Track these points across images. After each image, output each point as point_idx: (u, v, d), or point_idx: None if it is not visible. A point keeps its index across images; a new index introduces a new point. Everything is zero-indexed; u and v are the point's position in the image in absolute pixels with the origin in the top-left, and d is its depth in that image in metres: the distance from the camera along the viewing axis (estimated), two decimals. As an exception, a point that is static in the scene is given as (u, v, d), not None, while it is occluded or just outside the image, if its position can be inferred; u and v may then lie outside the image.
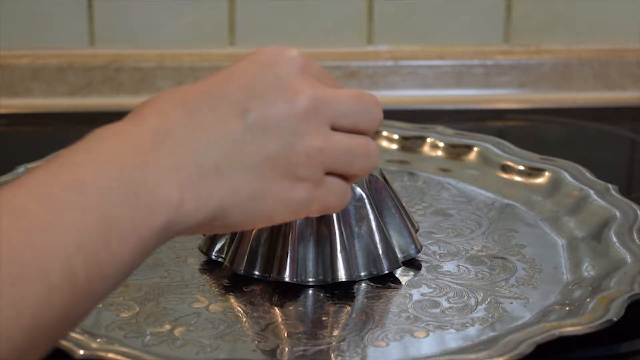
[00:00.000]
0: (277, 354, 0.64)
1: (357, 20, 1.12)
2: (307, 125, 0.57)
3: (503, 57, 1.12)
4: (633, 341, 0.67)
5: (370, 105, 0.61)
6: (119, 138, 0.54)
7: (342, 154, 0.59)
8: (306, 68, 0.59)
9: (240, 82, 0.57)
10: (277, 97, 0.57)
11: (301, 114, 0.57)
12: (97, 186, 0.51)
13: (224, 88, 0.57)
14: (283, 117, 0.57)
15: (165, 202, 0.53)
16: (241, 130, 0.56)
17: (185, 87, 0.58)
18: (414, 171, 0.90)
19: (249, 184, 0.56)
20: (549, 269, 0.75)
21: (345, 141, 0.59)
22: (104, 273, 0.50)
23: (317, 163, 0.58)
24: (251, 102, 0.56)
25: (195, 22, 1.10)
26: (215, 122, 0.55)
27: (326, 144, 0.58)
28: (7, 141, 1.06)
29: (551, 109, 1.11)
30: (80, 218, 0.50)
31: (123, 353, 0.62)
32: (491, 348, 0.63)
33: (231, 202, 0.56)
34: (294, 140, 0.57)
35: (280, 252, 0.71)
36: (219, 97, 0.56)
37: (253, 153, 0.56)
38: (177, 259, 0.75)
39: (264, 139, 0.56)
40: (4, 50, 1.09)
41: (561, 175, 0.85)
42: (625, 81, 1.12)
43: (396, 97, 1.11)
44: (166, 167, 0.53)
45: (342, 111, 0.59)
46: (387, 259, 0.72)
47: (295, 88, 0.57)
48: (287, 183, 0.57)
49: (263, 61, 0.58)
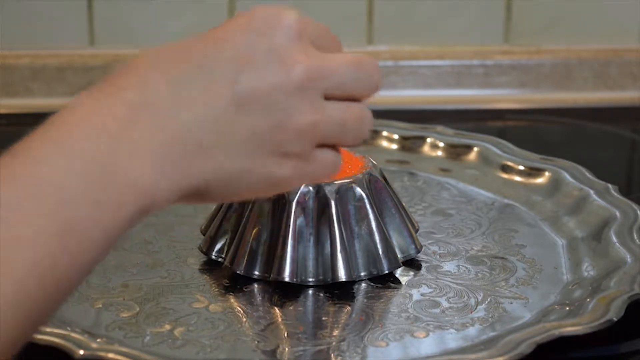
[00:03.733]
0: (277, 354, 0.64)
1: (357, 20, 1.12)
2: (301, 100, 0.53)
3: (503, 57, 1.12)
4: (633, 341, 0.67)
5: (368, 71, 0.57)
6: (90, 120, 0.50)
7: (335, 127, 0.55)
8: (303, 34, 0.54)
9: (231, 51, 0.53)
10: (270, 70, 0.53)
11: (294, 88, 0.53)
12: (59, 186, 0.47)
13: (212, 57, 0.53)
14: (275, 90, 0.53)
15: (136, 188, 0.49)
16: (229, 105, 0.52)
17: (170, 50, 0.53)
18: (414, 171, 0.90)
19: (232, 162, 0.52)
20: (549, 269, 0.75)
21: (338, 113, 0.55)
22: (62, 281, 0.47)
23: (308, 139, 0.54)
24: (241, 75, 0.52)
25: (195, 22, 1.10)
26: (201, 95, 0.52)
27: (320, 118, 0.54)
28: (7, 141, 1.06)
29: (551, 109, 1.11)
30: (37, 231, 0.46)
31: (123, 353, 0.62)
32: (491, 348, 0.63)
33: (212, 180, 0.52)
34: (285, 117, 0.53)
35: (280, 252, 0.71)
36: (207, 68, 0.52)
37: (240, 130, 0.52)
38: (177, 259, 0.75)
39: (253, 115, 0.52)
40: (4, 50, 1.09)
41: (561, 175, 0.85)
42: (625, 81, 1.12)
43: (396, 97, 1.11)
44: (141, 148, 0.50)
45: (339, 81, 0.55)
46: (387, 259, 0.72)
47: (289, 60, 0.53)
48: (274, 160, 0.54)
49: (257, 28, 0.53)
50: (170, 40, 0.53)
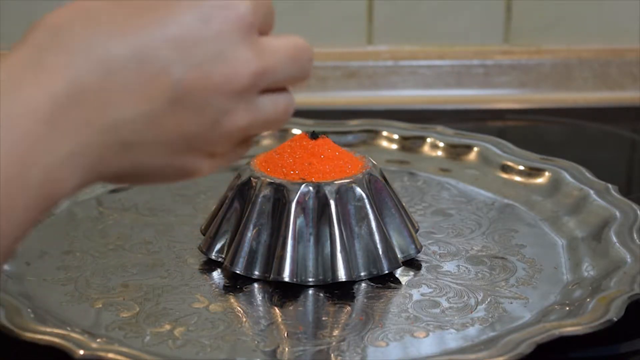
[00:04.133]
0: (277, 354, 0.64)
1: (357, 20, 1.12)
2: (239, 102, 0.51)
3: (503, 57, 1.12)
4: (633, 341, 0.67)
5: (304, 64, 0.54)
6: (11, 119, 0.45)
7: (262, 124, 0.53)
8: (253, 25, 0.51)
9: (174, 39, 0.48)
10: (214, 69, 0.49)
11: (236, 91, 0.50)
12: None
13: (153, 41, 0.48)
14: (215, 93, 0.50)
15: (47, 195, 0.46)
16: (164, 102, 0.48)
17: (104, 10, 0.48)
18: (414, 171, 0.90)
19: (153, 159, 0.50)
20: (549, 269, 0.75)
21: (269, 109, 0.53)
22: None
23: (235, 140, 0.52)
24: (183, 70, 0.48)
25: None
26: (136, 91, 0.48)
27: (251, 121, 0.52)
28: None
29: (551, 109, 1.11)
30: None
31: (123, 353, 0.62)
32: (491, 348, 0.63)
33: (129, 173, 0.50)
34: (219, 119, 0.50)
35: (280, 252, 0.71)
36: (146, 55, 0.48)
37: (170, 129, 0.49)
38: (177, 259, 0.75)
39: (187, 114, 0.49)
40: (4, 50, 1.09)
41: (561, 175, 0.85)
42: (625, 81, 1.12)
43: (396, 97, 1.11)
44: (59, 152, 0.46)
45: (277, 77, 0.52)
46: (387, 259, 0.72)
47: (237, 60, 0.50)
48: (194, 158, 0.51)
49: (206, 16, 0.49)
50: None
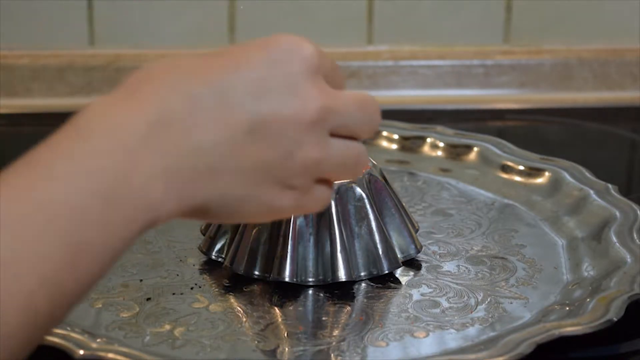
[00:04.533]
0: (277, 354, 0.64)
1: (357, 20, 1.12)
2: (310, 135, 0.55)
3: (503, 57, 1.12)
4: (633, 341, 0.67)
5: (372, 113, 0.60)
6: (109, 133, 0.50)
7: (335, 166, 0.58)
8: (319, 68, 0.56)
9: (249, 78, 0.54)
10: (286, 102, 0.54)
11: (307, 123, 0.55)
12: (73, 207, 0.48)
13: (231, 82, 0.53)
14: (288, 124, 0.54)
15: (146, 207, 0.50)
16: (243, 132, 0.53)
17: (188, 64, 0.54)
18: (414, 171, 0.90)
19: (237, 187, 0.54)
20: (549, 269, 0.75)
21: (341, 152, 0.58)
22: (68, 299, 0.48)
23: (311, 174, 0.56)
24: (258, 103, 0.53)
25: (195, 22, 1.10)
26: (217, 119, 0.52)
27: (324, 156, 0.56)
28: (7, 141, 1.06)
29: (551, 109, 1.11)
30: (47, 249, 0.47)
31: (123, 353, 0.62)
32: (491, 348, 0.63)
33: (216, 202, 0.53)
34: (294, 150, 0.55)
35: (280, 252, 0.71)
36: (225, 92, 0.53)
37: (250, 157, 0.53)
38: (177, 259, 0.75)
39: (264, 144, 0.54)
40: (4, 50, 1.09)
41: (561, 175, 0.85)
42: (625, 81, 1.12)
43: (396, 97, 1.11)
44: (155, 167, 0.50)
45: (345, 121, 0.57)
46: (387, 259, 0.72)
47: (305, 94, 0.55)
48: (276, 190, 0.55)
49: (275, 57, 0.55)
50: (170, 41, 0.53)
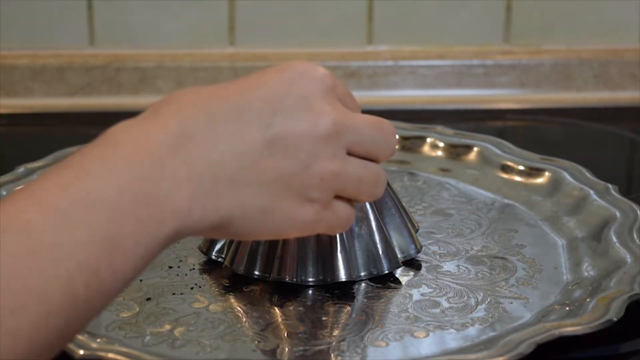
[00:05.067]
0: (277, 354, 0.64)
1: (357, 20, 1.12)
2: (326, 148, 0.57)
3: (503, 57, 1.12)
4: (633, 341, 0.67)
5: (387, 134, 0.61)
6: (135, 143, 0.53)
7: (353, 181, 0.59)
8: (332, 89, 0.59)
9: (265, 96, 0.57)
10: (301, 116, 0.57)
11: (322, 136, 0.57)
12: (107, 202, 0.50)
13: (248, 99, 0.56)
14: (304, 137, 0.56)
15: (174, 212, 0.52)
16: (261, 144, 0.55)
17: (210, 89, 0.57)
18: (414, 171, 0.90)
19: (259, 199, 0.56)
20: (549, 269, 0.75)
21: (358, 168, 0.60)
22: (105, 289, 0.50)
23: (329, 187, 0.58)
24: (274, 118, 0.56)
25: (195, 22, 1.10)
26: (236, 133, 0.55)
27: (341, 169, 0.58)
28: (7, 141, 1.06)
29: (551, 109, 1.11)
30: (85, 236, 0.49)
31: (123, 353, 0.62)
32: (491, 348, 0.63)
33: (239, 215, 0.55)
34: (311, 162, 0.57)
35: (280, 252, 0.71)
36: (242, 108, 0.56)
37: (268, 169, 0.56)
38: (177, 259, 0.75)
39: (282, 156, 0.56)
40: (4, 50, 1.09)
41: (561, 175, 0.85)
42: (625, 81, 1.12)
43: (396, 97, 1.11)
44: (180, 176, 0.53)
45: (361, 138, 0.59)
46: (387, 259, 0.72)
47: (319, 109, 0.57)
48: (296, 203, 0.57)
49: (290, 77, 0.58)
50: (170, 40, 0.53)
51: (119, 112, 1.05)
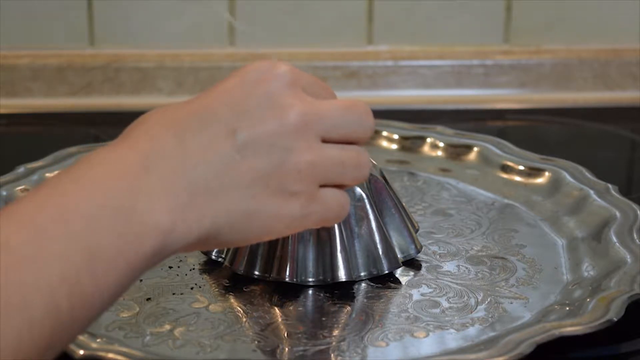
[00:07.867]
0: (277, 354, 0.64)
1: (357, 20, 1.12)
2: (298, 140, 0.57)
3: (503, 57, 1.12)
4: (633, 341, 0.67)
5: (361, 115, 0.60)
6: (108, 164, 0.53)
7: (333, 166, 0.59)
8: (296, 82, 0.58)
9: (229, 101, 0.57)
10: (266, 115, 0.57)
11: (291, 130, 0.57)
12: (83, 215, 0.51)
13: (212, 108, 0.56)
14: (273, 134, 0.56)
15: (155, 227, 0.53)
16: (231, 150, 0.55)
17: (175, 106, 0.57)
18: (414, 171, 0.90)
19: (241, 203, 0.56)
20: (549, 269, 0.75)
21: (336, 153, 0.59)
22: (88, 301, 0.50)
23: (309, 177, 0.58)
24: (240, 122, 0.56)
25: (195, 22, 1.10)
26: (205, 143, 0.55)
27: (317, 158, 0.58)
28: (7, 141, 1.06)
29: (551, 109, 1.11)
30: (65, 249, 0.50)
31: (123, 353, 0.62)
32: (491, 348, 0.63)
33: (224, 222, 0.55)
34: (285, 157, 0.57)
35: (280, 252, 0.71)
36: (208, 118, 0.56)
37: (244, 172, 0.56)
38: (177, 259, 0.75)
39: (255, 157, 0.56)
40: (4, 50, 1.09)
41: (561, 175, 0.85)
42: (625, 81, 1.12)
43: (396, 97, 1.11)
44: (156, 191, 0.53)
45: (332, 124, 0.59)
46: (387, 259, 0.72)
47: (284, 104, 0.57)
48: (280, 200, 0.57)
49: (251, 78, 0.58)
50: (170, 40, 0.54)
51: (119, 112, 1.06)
